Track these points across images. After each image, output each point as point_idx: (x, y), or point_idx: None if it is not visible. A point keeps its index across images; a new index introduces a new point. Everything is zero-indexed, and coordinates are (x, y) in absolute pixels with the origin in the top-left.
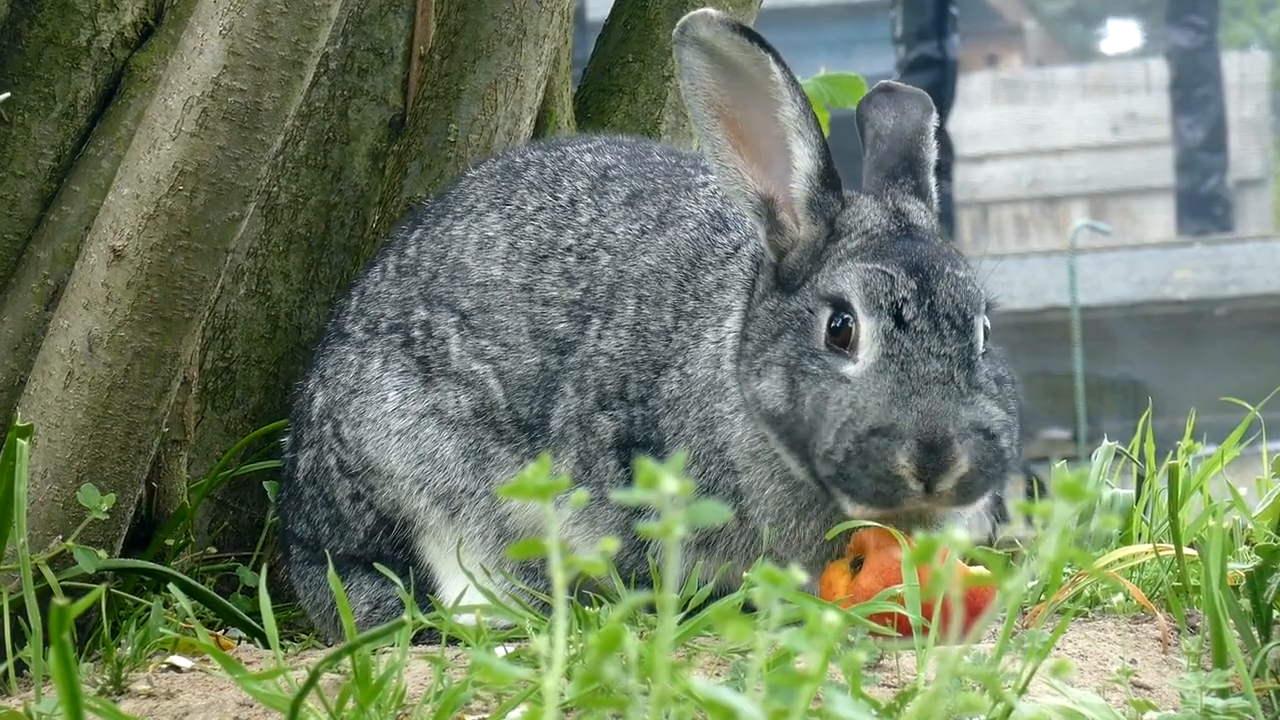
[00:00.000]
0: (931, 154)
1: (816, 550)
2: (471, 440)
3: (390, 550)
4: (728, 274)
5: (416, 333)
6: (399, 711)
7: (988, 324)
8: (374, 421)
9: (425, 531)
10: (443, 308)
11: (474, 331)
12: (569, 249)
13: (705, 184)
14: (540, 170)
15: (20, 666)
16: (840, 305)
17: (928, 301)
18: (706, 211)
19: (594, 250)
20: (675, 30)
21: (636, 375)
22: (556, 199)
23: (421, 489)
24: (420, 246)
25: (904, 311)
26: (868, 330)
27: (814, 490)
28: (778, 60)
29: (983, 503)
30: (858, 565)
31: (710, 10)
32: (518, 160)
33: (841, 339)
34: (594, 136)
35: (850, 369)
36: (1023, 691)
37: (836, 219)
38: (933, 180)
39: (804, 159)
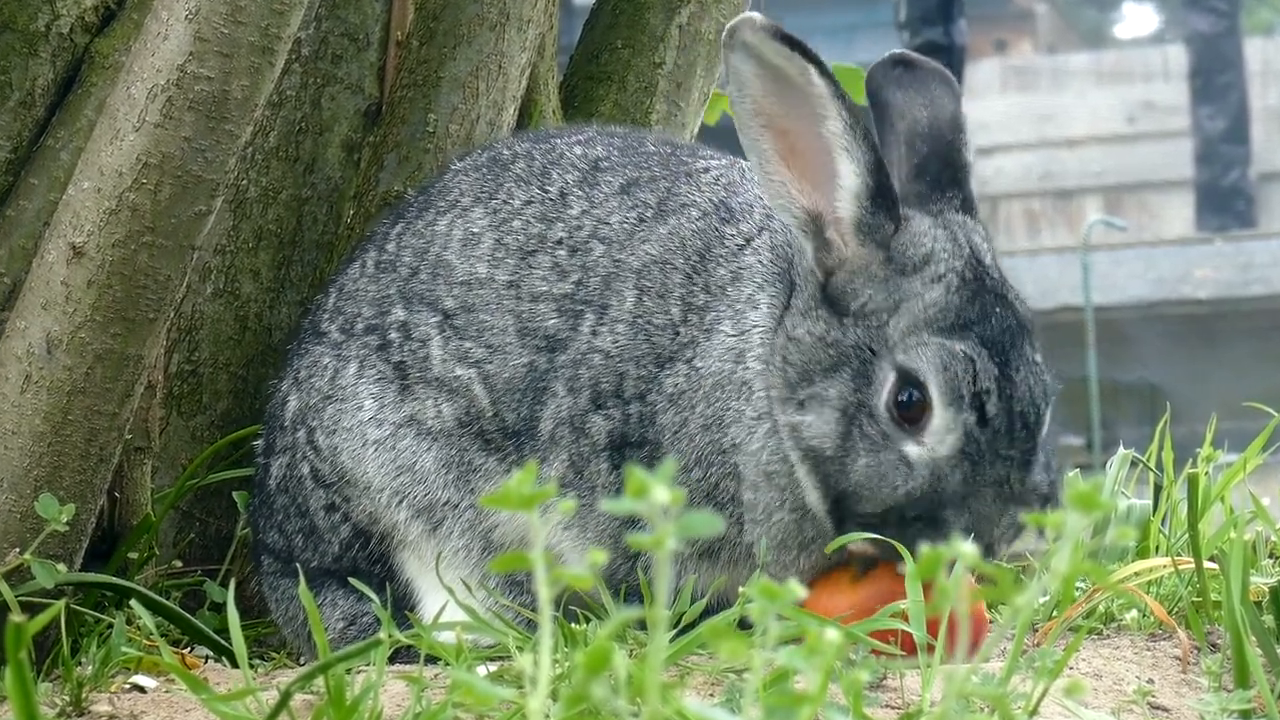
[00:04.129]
0: (970, 156)
1: (811, 577)
2: (455, 450)
3: (367, 564)
4: (743, 266)
5: (393, 335)
6: None
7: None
8: (349, 430)
9: (404, 545)
10: (423, 307)
11: (457, 333)
12: (559, 242)
13: (706, 170)
14: (529, 163)
15: None
16: (913, 382)
17: (1008, 393)
18: (710, 201)
19: (587, 242)
20: (724, 34)
21: (635, 370)
22: (546, 192)
23: (400, 501)
24: (401, 241)
25: (987, 407)
26: (944, 420)
27: (818, 528)
28: (821, 71)
29: None
30: (865, 570)
31: (755, 15)
32: (505, 152)
33: (910, 416)
34: (585, 128)
35: (914, 450)
36: (1034, 713)
37: (892, 243)
38: (973, 184)
39: (850, 177)
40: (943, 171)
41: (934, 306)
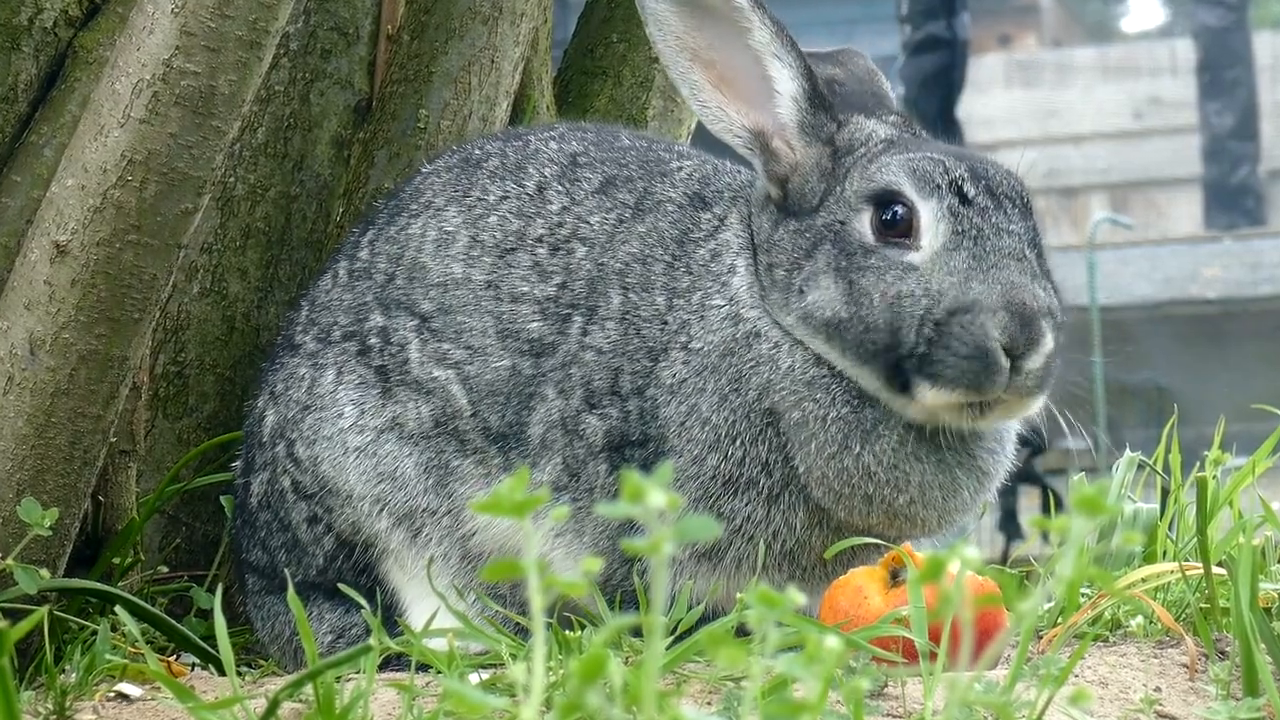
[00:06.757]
0: (890, 90)
1: (881, 478)
2: (433, 454)
3: (352, 576)
4: (720, 243)
5: (374, 340)
6: None
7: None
8: (330, 439)
9: (387, 555)
10: (401, 311)
11: (435, 335)
12: (539, 240)
13: (680, 169)
14: (502, 159)
15: None
16: (888, 198)
17: (984, 181)
18: (684, 194)
19: (568, 241)
20: None
21: (629, 366)
22: (523, 186)
23: (382, 509)
24: (374, 248)
25: (965, 188)
26: (929, 212)
27: (877, 412)
28: None
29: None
30: (896, 577)
31: None
32: (476, 151)
33: (899, 231)
34: (555, 125)
35: (915, 257)
36: None
37: (836, 137)
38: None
39: (785, 82)
40: (868, 100)
41: (882, 149)
